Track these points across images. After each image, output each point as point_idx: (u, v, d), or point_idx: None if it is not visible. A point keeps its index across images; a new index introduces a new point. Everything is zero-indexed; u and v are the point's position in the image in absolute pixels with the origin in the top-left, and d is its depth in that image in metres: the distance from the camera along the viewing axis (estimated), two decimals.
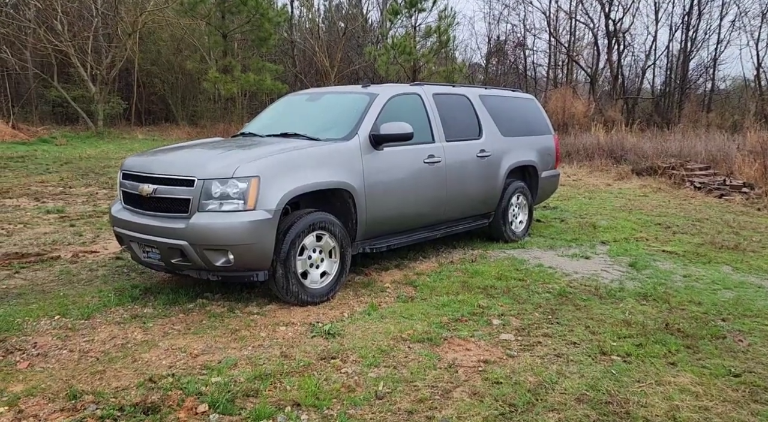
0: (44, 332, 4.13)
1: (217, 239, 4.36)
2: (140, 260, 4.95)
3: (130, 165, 5.04)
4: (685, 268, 5.95)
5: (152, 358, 3.73)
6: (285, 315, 4.54)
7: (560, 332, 4.16)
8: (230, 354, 3.77)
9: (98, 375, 3.49)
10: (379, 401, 3.17)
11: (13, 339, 4.00)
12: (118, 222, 4.93)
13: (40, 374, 3.49)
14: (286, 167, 4.65)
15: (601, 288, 5.20)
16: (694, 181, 11.79)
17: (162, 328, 4.24)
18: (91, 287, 5.24)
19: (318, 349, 3.87)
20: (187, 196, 4.44)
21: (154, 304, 4.75)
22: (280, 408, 3.09)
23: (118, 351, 3.83)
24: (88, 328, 4.22)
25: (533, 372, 3.50)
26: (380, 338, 4.05)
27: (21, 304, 4.72)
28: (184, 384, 3.33)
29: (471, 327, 4.25)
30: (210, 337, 4.07)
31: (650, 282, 5.39)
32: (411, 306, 4.74)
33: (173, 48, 32.01)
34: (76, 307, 4.62)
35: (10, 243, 6.84)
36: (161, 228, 4.51)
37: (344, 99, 5.96)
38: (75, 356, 3.77)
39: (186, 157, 4.93)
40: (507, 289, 5.15)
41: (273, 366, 3.58)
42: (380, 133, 5.26)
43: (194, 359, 3.72)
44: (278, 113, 6.32)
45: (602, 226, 8.16)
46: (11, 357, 3.73)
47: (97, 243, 7.05)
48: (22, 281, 5.44)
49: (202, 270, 4.57)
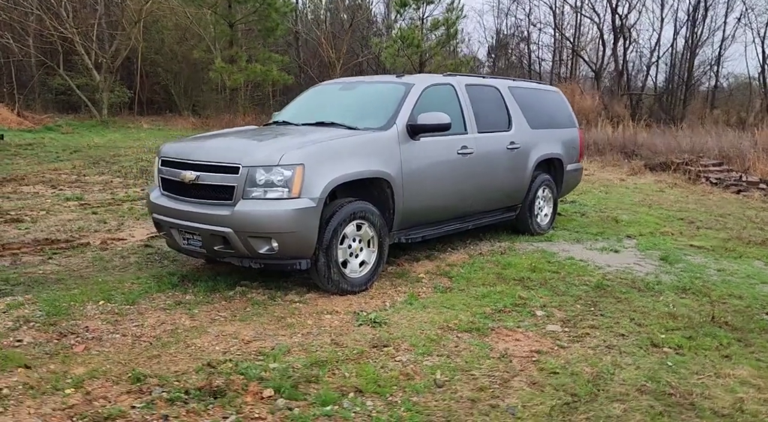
0: (93, 316, 4.13)
1: (261, 227, 4.36)
2: (179, 247, 4.94)
3: (170, 151, 5.02)
4: (717, 263, 5.97)
5: (204, 344, 3.73)
6: (327, 303, 4.54)
7: (606, 324, 4.17)
8: (282, 341, 3.78)
9: (154, 359, 3.50)
10: (439, 389, 3.19)
11: (63, 322, 4.00)
12: (158, 208, 4.92)
13: (98, 357, 3.49)
14: (329, 155, 4.65)
15: (637, 281, 5.22)
16: (710, 177, 11.82)
17: (208, 315, 4.24)
18: (127, 273, 5.23)
19: (367, 337, 3.88)
20: (232, 183, 4.43)
21: (194, 291, 4.75)
22: (344, 394, 3.10)
23: (169, 337, 3.84)
24: (135, 314, 4.22)
25: (588, 363, 3.51)
26: (427, 327, 4.06)
27: (62, 289, 4.71)
28: (243, 369, 3.34)
29: (515, 318, 4.27)
30: (258, 324, 4.07)
31: (686, 275, 5.41)
32: (450, 296, 4.75)
33: (177, 37, 31.84)
34: (119, 293, 4.62)
35: (37, 230, 6.82)
36: (205, 215, 4.51)
37: (379, 88, 5.95)
38: (128, 340, 3.77)
39: (229, 144, 4.92)
40: (543, 281, 5.16)
41: (327, 354, 3.59)
42: (417, 123, 5.25)
43: (247, 345, 3.73)
44: (311, 102, 6.30)
45: (624, 221, 8.17)
46: (65, 340, 3.73)
47: (122, 230, 7.03)
48: (58, 267, 5.43)
49: (245, 258, 4.57)
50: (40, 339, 3.74)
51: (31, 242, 6.29)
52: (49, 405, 2.91)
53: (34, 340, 3.71)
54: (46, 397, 2.99)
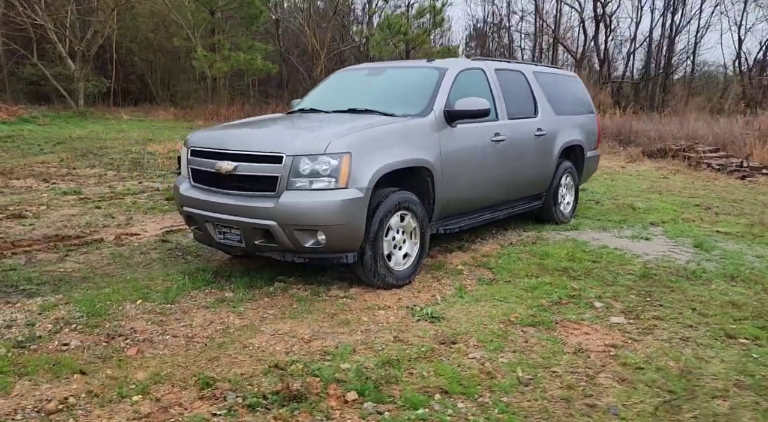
0: (135, 317, 3.88)
1: (308, 219, 4.14)
2: (212, 242, 4.69)
3: (200, 141, 4.76)
4: (752, 249, 5.93)
5: (262, 344, 3.52)
6: (374, 298, 4.35)
7: (670, 315, 4.06)
8: (343, 340, 3.58)
9: (214, 361, 3.28)
10: (526, 388, 3.03)
11: (106, 324, 3.75)
12: (189, 201, 4.66)
13: (154, 360, 3.27)
14: (374, 143, 4.44)
15: (682, 269, 5.13)
16: (712, 163, 11.88)
17: (256, 313, 4.02)
18: (153, 270, 4.97)
19: (430, 334, 3.70)
20: (275, 173, 4.19)
21: (232, 288, 4.52)
22: (430, 396, 2.92)
23: (222, 337, 3.61)
24: (179, 313, 3.98)
25: (670, 357, 3.39)
26: (488, 322, 3.90)
27: (92, 288, 4.44)
28: (315, 370, 3.14)
29: (575, 310, 4.13)
30: (310, 321, 3.87)
31: (728, 263, 5.34)
32: (498, 288, 4.60)
33: (152, 25, 30.96)
34: (154, 292, 4.36)
35: (42, 225, 6.48)
36: (246, 207, 4.26)
37: (411, 73, 5.74)
38: (181, 341, 3.54)
39: (269, 133, 4.68)
40: (587, 271, 5.04)
41: (395, 352, 3.41)
42: (455, 108, 5.05)
43: (308, 344, 3.53)
44: (336, 89, 6.05)
45: (641, 208, 8.12)
46: (114, 342, 3.49)
47: (132, 225, 6.73)
48: (78, 264, 5.14)
49: (288, 252, 4.35)
50: (87, 342, 3.49)
51: (41, 238, 5.96)
52: (121, 414, 2.68)
53: (81, 344, 3.46)
54: (114, 405, 2.76)
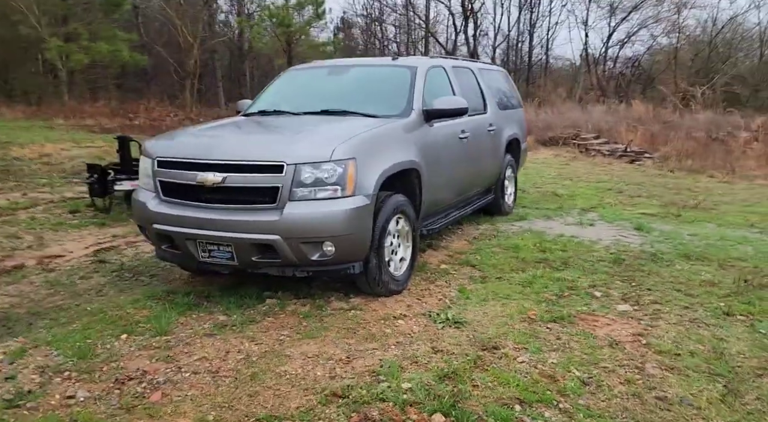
0: (132, 355, 3.38)
1: (316, 231, 3.85)
2: (189, 262, 4.22)
3: (171, 150, 4.24)
4: (682, 228, 6.49)
5: (298, 370, 3.22)
6: (382, 307, 4.16)
7: (663, 298, 4.30)
8: (382, 356, 3.38)
9: (258, 397, 2.95)
10: (591, 387, 3.05)
11: (103, 367, 3.23)
12: (162, 218, 4.13)
13: (189, 404, 2.88)
14: (374, 147, 4.23)
15: (641, 253, 5.47)
16: (602, 149, 12.90)
17: (268, 335, 3.67)
18: (111, 298, 4.38)
19: (463, 340, 3.61)
20: (275, 183, 3.84)
21: (222, 310, 4.10)
22: (510, 407, 2.84)
23: (249, 367, 3.26)
24: (181, 345, 3.53)
25: (693, 340, 3.59)
26: (510, 321, 3.89)
27: (53, 326, 3.82)
28: (379, 394, 2.93)
29: (581, 302, 4.24)
30: (335, 340, 3.61)
31: (676, 243, 5.79)
32: (495, 286, 4.60)
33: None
34: (134, 323, 3.84)
35: None
36: (241, 222, 3.87)
37: (380, 72, 5.53)
38: (207, 378, 3.14)
39: (260, 140, 4.28)
40: (564, 261, 5.21)
41: (444, 364, 3.28)
42: (434, 107, 4.97)
43: (348, 366, 3.28)
44: (295, 88, 5.68)
45: (564, 194, 8.60)
46: (128, 388, 3.01)
47: (48, 246, 5.89)
48: (11, 298, 4.40)
49: (289, 267, 4.02)
50: (95, 391, 2.98)
51: None
52: None
53: (90, 394, 2.95)
54: None
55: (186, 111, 23.81)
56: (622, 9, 33.56)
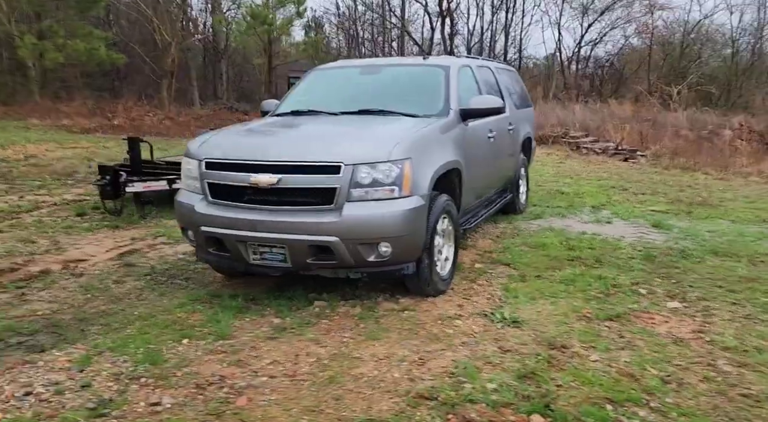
0: (202, 360, 3.30)
1: (375, 232, 3.81)
2: (239, 264, 4.13)
3: (220, 152, 4.14)
4: (698, 225, 6.61)
5: (374, 373, 3.18)
6: (433, 307, 4.13)
7: (708, 295, 4.36)
8: (453, 357, 3.36)
9: (343, 400, 2.92)
10: (674, 385, 3.07)
11: (177, 372, 3.15)
12: (212, 220, 4.04)
13: (276, 408, 2.85)
14: (426, 147, 4.20)
15: (669, 250, 5.54)
16: (594, 148, 13.10)
17: (330, 338, 3.62)
18: (155, 302, 4.26)
19: (527, 339, 3.61)
20: (332, 184, 3.78)
21: (274, 313, 4.03)
22: (602, 407, 2.85)
23: (323, 371, 3.21)
24: (247, 349, 3.46)
25: (756, 336, 3.63)
26: (566, 320, 3.89)
27: (108, 331, 3.72)
28: (467, 395, 2.91)
29: (630, 300, 4.27)
30: (399, 341, 3.57)
31: (696, 240, 5.89)
32: (537, 284, 4.61)
33: None
34: (190, 328, 3.75)
35: None
36: (297, 223, 3.80)
37: (414, 72, 5.49)
38: (285, 382, 3.09)
39: (315, 140, 4.20)
40: (597, 259, 5.25)
41: (518, 364, 3.26)
42: (470, 107, 4.97)
43: (424, 367, 3.25)
44: (326, 88, 5.60)
45: (570, 192, 8.69)
46: (210, 393, 2.94)
47: (67, 250, 5.71)
48: (50, 304, 4.25)
49: (343, 269, 3.97)
50: (179, 397, 2.91)
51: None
52: None
53: (174, 400, 2.87)
54: None
55: (165, 110, 23.34)
56: (593, 10, 34.26)
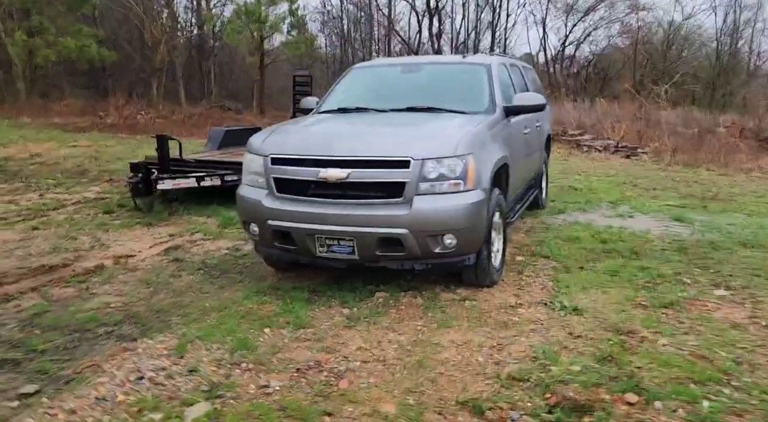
0: (289, 347, 3.50)
1: (442, 224, 3.96)
2: (307, 257, 4.25)
3: (285, 147, 4.27)
4: (716, 218, 6.87)
5: (459, 357, 3.36)
6: (491, 297, 4.30)
7: (751, 283, 4.55)
8: (527, 342, 3.53)
9: (438, 382, 3.09)
10: (746, 366, 3.21)
11: (272, 358, 3.32)
12: (280, 214, 4.15)
13: (379, 390, 3.01)
14: (483, 143, 4.36)
15: (698, 241, 5.77)
16: (595, 145, 13.40)
17: (404, 325, 3.81)
18: (219, 294, 4.39)
19: (592, 325, 3.77)
20: (402, 178, 3.92)
21: (341, 303, 4.18)
22: (686, 386, 3.00)
23: (410, 356, 3.38)
24: (328, 336, 3.63)
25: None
26: (624, 308, 4.06)
27: (189, 321, 3.86)
28: (557, 377, 3.07)
29: (677, 288, 4.45)
30: (472, 328, 3.74)
31: (721, 232, 6.13)
32: (583, 275, 4.76)
33: None
34: (266, 318, 3.89)
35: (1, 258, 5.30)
36: (368, 216, 3.93)
37: (456, 69, 5.64)
38: (378, 366, 3.26)
39: (382, 136, 4.34)
40: (632, 251, 5.44)
41: (592, 348, 3.43)
42: (513, 104, 5.14)
43: (503, 351, 3.43)
44: (369, 86, 5.71)
45: (583, 188, 8.93)
46: (311, 377, 3.14)
47: (110, 246, 5.79)
48: (118, 297, 4.36)
49: (408, 260, 4.11)
50: (284, 381, 3.07)
51: (22, 273, 4.86)
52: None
53: (281, 383, 3.01)
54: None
55: (158, 109, 23.20)
56: (578, 9, 34.79)
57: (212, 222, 6.79)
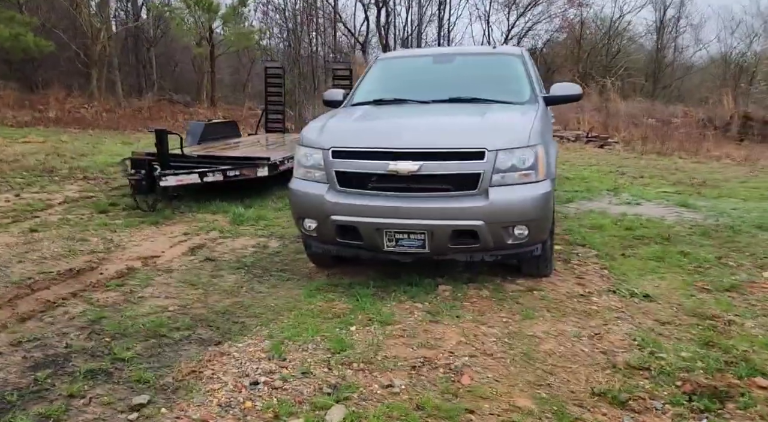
0: (385, 345, 3.34)
1: (518, 215, 3.89)
2: (373, 252, 4.11)
3: (348, 140, 4.10)
4: (718, 203, 7.17)
5: (562, 348, 3.30)
6: (553, 286, 4.28)
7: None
8: (620, 331, 3.51)
9: (558, 374, 3.02)
10: None
11: (378, 357, 3.14)
12: (346, 209, 3.98)
13: (503, 384, 2.93)
14: (544, 133, 4.32)
15: (716, 226, 5.99)
16: (565, 135, 13.72)
17: (489, 318, 3.72)
18: (278, 294, 4.20)
19: (669, 312, 3.81)
20: (477, 170, 3.83)
21: (410, 299, 4.04)
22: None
23: (511, 348, 3.31)
24: (419, 332, 3.51)
25: None
26: (690, 292, 4.14)
27: (264, 322, 3.68)
28: (675, 364, 3.07)
29: (728, 271, 4.58)
30: (558, 319, 3.71)
31: (732, 216, 6.39)
32: (630, 262, 4.82)
33: None
34: (341, 315, 3.75)
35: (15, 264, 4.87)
36: (443, 209, 3.82)
37: (490, 60, 5.57)
38: (489, 360, 3.17)
39: (452, 126, 4.22)
40: (662, 237, 5.57)
41: (686, 333, 3.47)
42: (551, 94, 5.13)
43: (603, 341, 3.39)
44: (402, 77, 5.53)
45: (574, 178, 9.12)
46: (428, 373, 3.02)
47: (126, 247, 5.45)
48: (170, 299, 4.06)
49: (479, 252, 4.04)
50: (404, 378, 2.95)
51: (52, 278, 4.48)
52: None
53: (402, 381, 2.91)
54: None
55: (102, 102, 22.02)
56: (519, 4, 35.51)
57: (222, 219, 6.49)
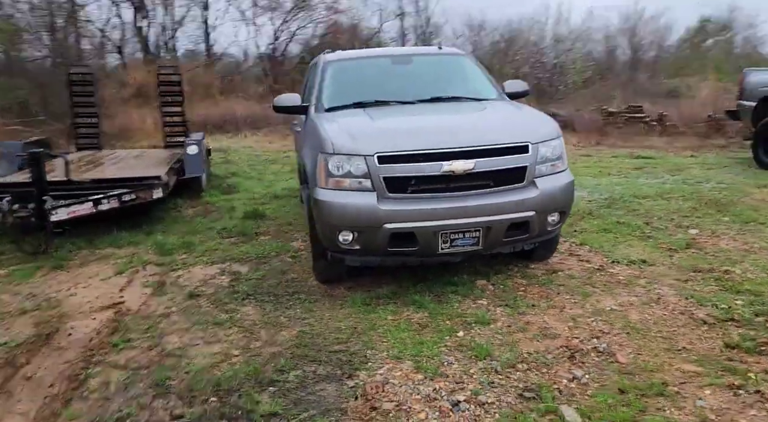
0: (508, 341, 3.40)
1: (561, 203, 4.13)
2: (420, 258, 4.00)
3: (396, 144, 3.88)
4: (694, 174, 8.62)
5: (655, 316, 3.63)
6: (572, 266, 4.62)
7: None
8: (677, 294, 3.94)
9: (678, 339, 3.32)
10: None
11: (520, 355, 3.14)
12: (402, 216, 3.75)
13: (648, 355, 3.15)
14: None
15: (605, 199, 6.89)
16: None
17: (559, 302, 3.94)
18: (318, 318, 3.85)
19: (678, 272, 4.37)
20: (524, 163, 3.94)
21: (464, 297, 4.07)
22: None
23: (613, 324, 3.55)
24: (520, 324, 3.61)
25: None
26: (667, 255, 4.80)
27: (369, 347, 3.41)
28: (742, 313, 3.56)
29: (666, 234, 5.36)
30: (610, 291, 4.06)
31: (608, 191, 7.42)
32: (588, 236, 5.33)
33: None
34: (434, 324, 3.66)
35: None
36: (499, 205, 3.83)
37: (444, 61, 5.60)
38: (619, 337, 3.39)
39: (498, 123, 4.36)
40: (587, 212, 6.23)
41: (712, 287, 4.03)
42: (507, 91, 5.26)
43: (665, 302, 3.83)
44: (368, 80, 5.29)
45: None
46: (584, 359, 3.14)
47: (59, 300, 4.40)
48: (224, 345, 3.49)
49: (523, 242, 4.14)
50: (575, 370, 3.07)
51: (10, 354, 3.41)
52: None
53: (581, 371, 3.03)
54: None
55: None
56: (281, 11, 35.42)
57: (144, 252, 5.49)
